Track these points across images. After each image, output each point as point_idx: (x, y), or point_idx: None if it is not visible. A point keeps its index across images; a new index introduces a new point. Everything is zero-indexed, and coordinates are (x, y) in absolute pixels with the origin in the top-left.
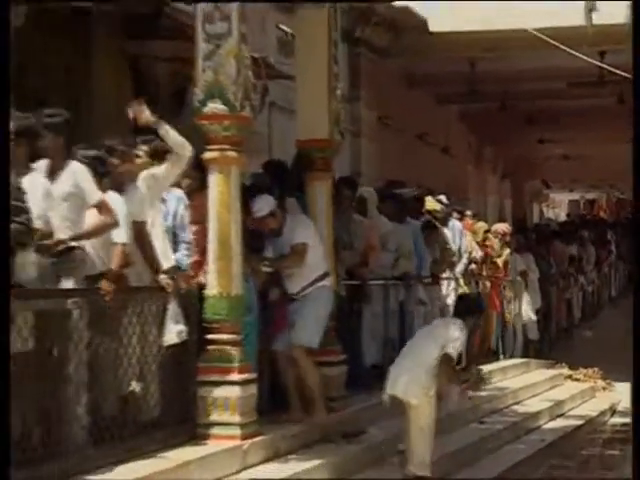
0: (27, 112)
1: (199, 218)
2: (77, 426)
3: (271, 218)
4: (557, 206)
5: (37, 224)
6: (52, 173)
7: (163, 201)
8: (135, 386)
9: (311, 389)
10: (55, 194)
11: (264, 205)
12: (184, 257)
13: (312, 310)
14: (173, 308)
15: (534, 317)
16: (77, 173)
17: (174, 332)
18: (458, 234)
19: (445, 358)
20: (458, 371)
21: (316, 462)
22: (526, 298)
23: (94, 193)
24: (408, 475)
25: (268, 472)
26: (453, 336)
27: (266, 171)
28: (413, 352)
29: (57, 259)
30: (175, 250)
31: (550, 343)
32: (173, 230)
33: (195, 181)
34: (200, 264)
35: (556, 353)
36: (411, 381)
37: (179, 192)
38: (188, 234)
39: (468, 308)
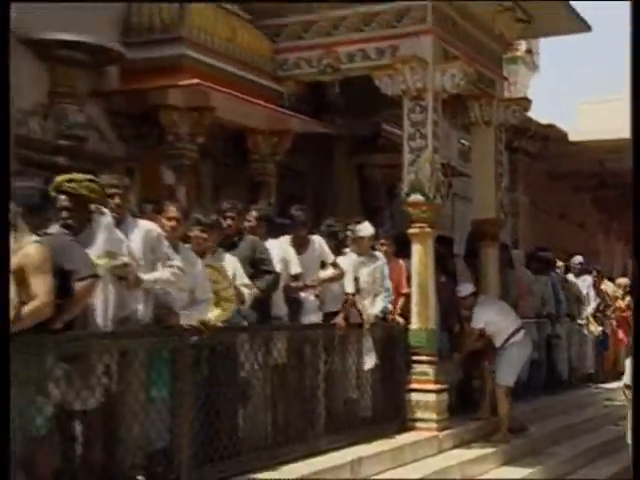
0: (281, 207)
1: (395, 276)
2: (317, 418)
3: (471, 297)
4: None
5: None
6: (299, 246)
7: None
8: (354, 393)
9: (500, 417)
10: (306, 258)
11: (467, 288)
12: (387, 302)
13: (508, 360)
14: (367, 341)
15: None
16: (321, 243)
17: (369, 360)
18: (586, 285)
19: None
20: None
21: (491, 449)
22: None
23: (330, 256)
24: None
25: (457, 455)
26: None
27: (439, 242)
28: None
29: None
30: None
31: None
32: None
33: (391, 247)
34: (396, 308)
35: None
36: None
37: (380, 254)
38: (388, 284)
39: None
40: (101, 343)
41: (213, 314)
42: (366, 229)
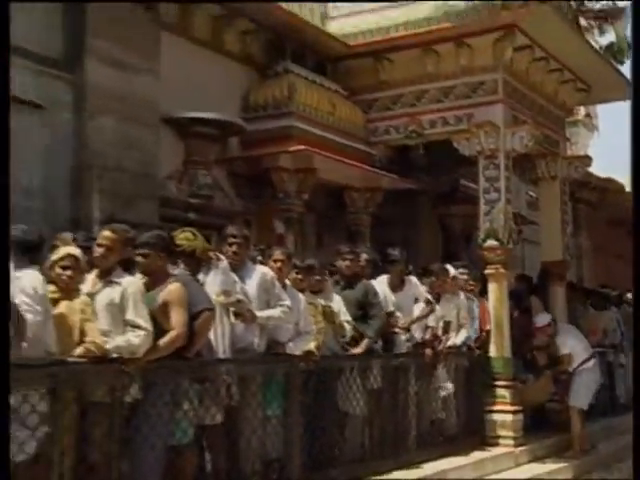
0: (376, 252)
1: (480, 313)
2: (409, 433)
3: (548, 327)
4: None
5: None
6: (394, 285)
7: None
8: (440, 414)
9: (573, 435)
10: (402, 296)
11: (544, 319)
12: (471, 333)
13: (579, 384)
14: (441, 372)
15: None
16: (416, 283)
17: (444, 388)
18: None
19: None
20: None
21: (563, 464)
22: None
23: (424, 294)
24: None
25: (531, 469)
26: None
27: (520, 280)
28: None
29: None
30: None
31: None
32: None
33: (477, 287)
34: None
35: None
36: None
37: (461, 292)
38: (470, 318)
39: None
40: (225, 369)
41: (313, 343)
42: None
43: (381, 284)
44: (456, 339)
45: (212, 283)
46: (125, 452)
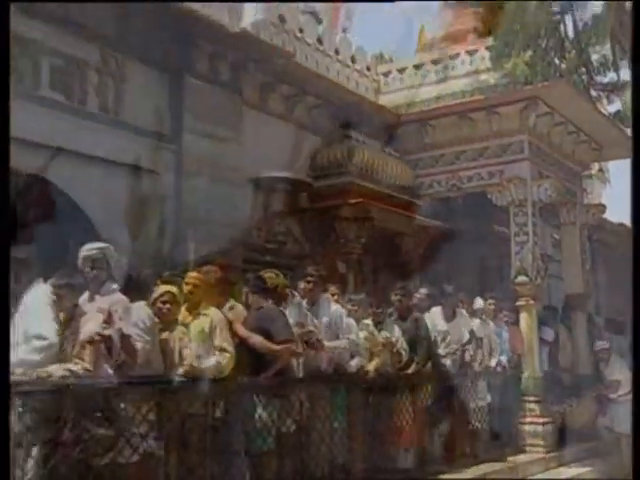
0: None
1: (512, 339)
2: (454, 442)
3: (607, 351)
4: None
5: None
6: (447, 316)
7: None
8: (479, 424)
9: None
10: (453, 325)
11: (604, 344)
12: (504, 357)
13: (625, 413)
14: (481, 385)
15: None
16: (466, 316)
17: (483, 400)
18: None
19: None
20: None
21: (588, 469)
22: None
23: (470, 324)
24: None
25: (560, 472)
26: None
27: (548, 310)
28: None
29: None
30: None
31: None
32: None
33: (512, 318)
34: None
35: None
36: None
37: (490, 321)
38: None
39: None
40: (298, 386)
41: (372, 365)
42: (478, 302)
43: (435, 314)
44: (490, 362)
45: (289, 316)
46: (216, 457)
